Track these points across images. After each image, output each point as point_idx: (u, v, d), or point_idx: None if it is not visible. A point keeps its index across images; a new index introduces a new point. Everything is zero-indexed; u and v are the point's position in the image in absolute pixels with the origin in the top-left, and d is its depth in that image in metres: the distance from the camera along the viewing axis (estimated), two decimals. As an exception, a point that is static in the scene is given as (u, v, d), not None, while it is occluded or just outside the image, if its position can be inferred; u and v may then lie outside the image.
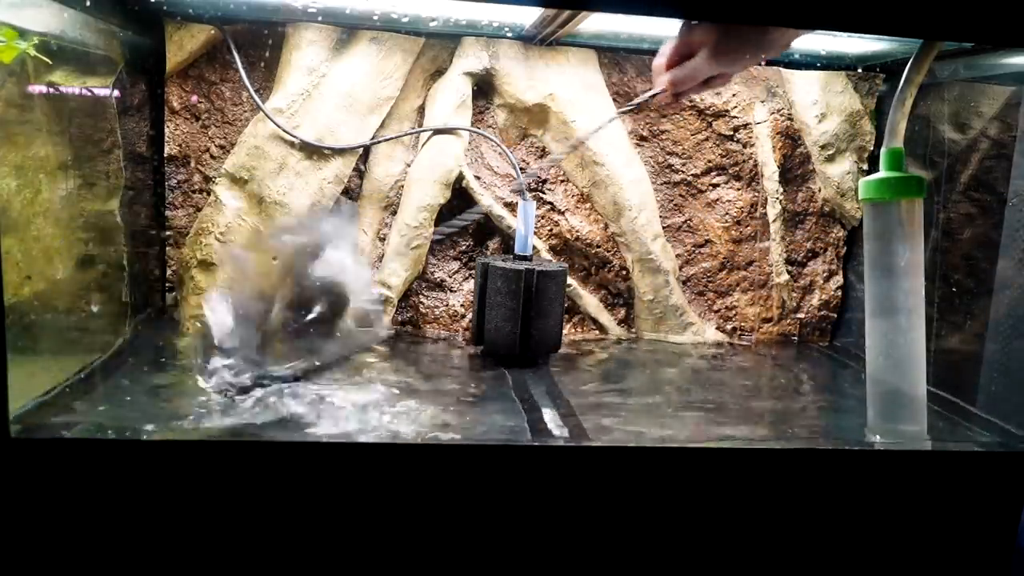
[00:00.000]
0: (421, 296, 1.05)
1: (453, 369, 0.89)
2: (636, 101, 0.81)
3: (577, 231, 1.06)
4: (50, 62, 0.72)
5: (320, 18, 0.95)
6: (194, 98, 0.98)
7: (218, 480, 0.61)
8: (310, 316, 0.76)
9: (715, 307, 1.11)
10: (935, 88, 0.94)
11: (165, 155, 0.98)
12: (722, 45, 0.69)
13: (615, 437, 0.71)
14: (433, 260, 1.05)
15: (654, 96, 0.78)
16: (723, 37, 0.69)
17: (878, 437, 0.72)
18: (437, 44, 1.01)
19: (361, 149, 1.00)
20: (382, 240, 1.03)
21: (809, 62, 1.07)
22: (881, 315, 0.71)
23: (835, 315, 1.13)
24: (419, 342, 1.00)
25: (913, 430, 0.71)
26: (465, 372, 0.89)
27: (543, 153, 1.06)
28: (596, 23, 0.93)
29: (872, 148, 1.08)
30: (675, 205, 1.09)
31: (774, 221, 1.09)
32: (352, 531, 0.64)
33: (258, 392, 0.71)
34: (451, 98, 1.01)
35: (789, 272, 1.11)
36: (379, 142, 1.01)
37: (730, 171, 1.09)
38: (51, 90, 0.75)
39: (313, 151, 0.97)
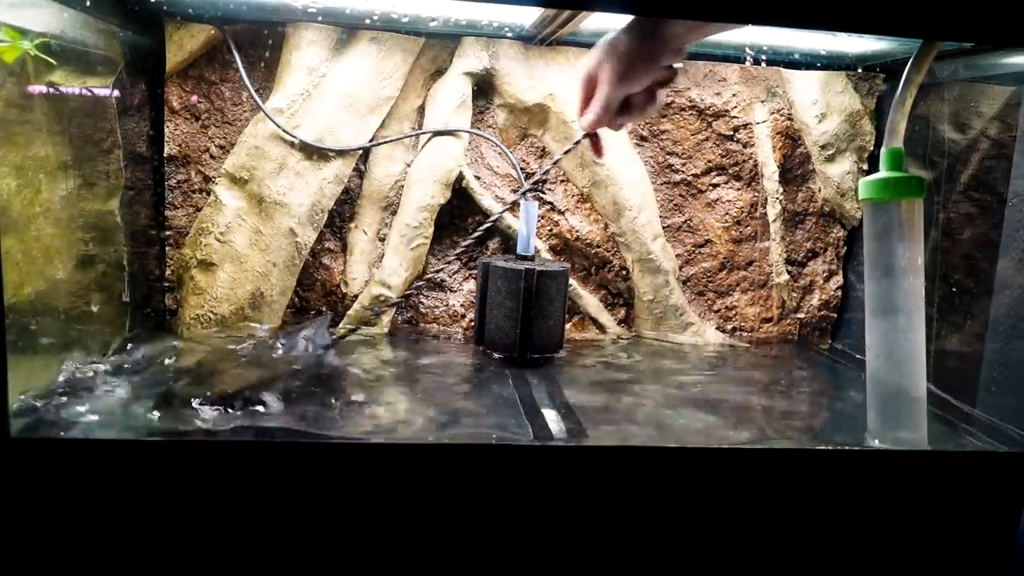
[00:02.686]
0: (421, 296, 1.05)
1: (454, 369, 0.89)
2: (565, 151, 0.85)
3: (577, 231, 1.06)
4: (53, 62, 0.72)
5: (320, 18, 0.95)
6: (194, 98, 0.98)
7: (218, 480, 0.61)
8: None
9: (715, 307, 1.11)
10: (935, 88, 0.94)
11: (165, 155, 0.98)
12: (608, 65, 0.71)
13: (615, 437, 0.71)
14: (433, 260, 1.05)
15: (578, 143, 0.80)
16: (607, 57, 0.71)
17: (878, 437, 0.72)
18: (437, 44, 1.01)
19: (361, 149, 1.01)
20: (382, 240, 1.03)
21: (809, 62, 1.07)
22: (881, 315, 0.71)
23: (835, 315, 1.13)
24: (419, 342, 1.00)
25: (913, 430, 0.71)
26: (466, 372, 0.89)
27: (543, 153, 1.06)
28: (596, 23, 0.93)
29: (872, 148, 1.08)
30: (675, 205, 1.09)
31: (774, 221, 1.09)
32: (353, 531, 0.64)
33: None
34: (451, 98, 1.01)
35: (789, 272, 1.11)
36: (380, 143, 1.01)
37: (730, 171, 1.09)
38: (51, 90, 0.75)
39: (313, 151, 0.97)
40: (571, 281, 1.05)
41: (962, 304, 0.89)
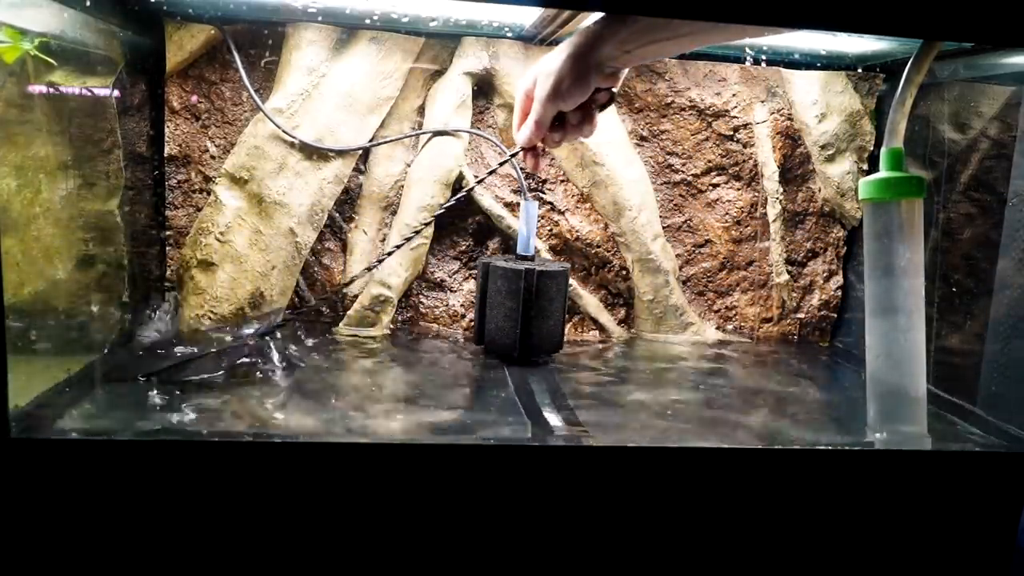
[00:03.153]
0: (421, 296, 1.05)
1: (454, 369, 0.89)
2: (494, 168, 0.88)
3: (577, 231, 1.06)
4: (53, 62, 0.72)
5: (320, 18, 0.95)
6: (194, 98, 0.98)
7: (218, 480, 0.62)
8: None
9: (715, 307, 1.11)
10: (935, 88, 0.94)
11: (165, 155, 0.98)
12: (541, 82, 0.73)
13: (615, 437, 0.71)
14: (433, 260, 1.05)
15: (514, 156, 0.81)
16: (541, 74, 0.73)
17: (878, 437, 0.72)
18: (437, 44, 1.01)
19: (361, 149, 1.01)
20: (382, 240, 1.03)
21: (809, 62, 1.07)
22: (881, 315, 0.71)
23: (835, 315, 1.13)
24: (419, 342, 1.00)
25: (913, 431, 0.71)
26: (466, 372, 0.89)
27: (542, 153, 1.06)
28: (596, 23, 0.93)
29: (872, 148, 1.08)
30: (675, 205, 1.09)
31: (774, 221, 1.09)
32: (352, 531, 0.64)
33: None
34: (451, 98, 1.01)
35: (789, 272, 1.11)
36: (380, 143, 1.01)
37: (730, 171, 1.09)
38: (51, 90, 0.75)
39: (313, 151, 0.97)
40: (571, 281, 1.05)
41: (962, 304, 0.89)
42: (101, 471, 0.60)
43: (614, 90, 0.76)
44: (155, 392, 0.73)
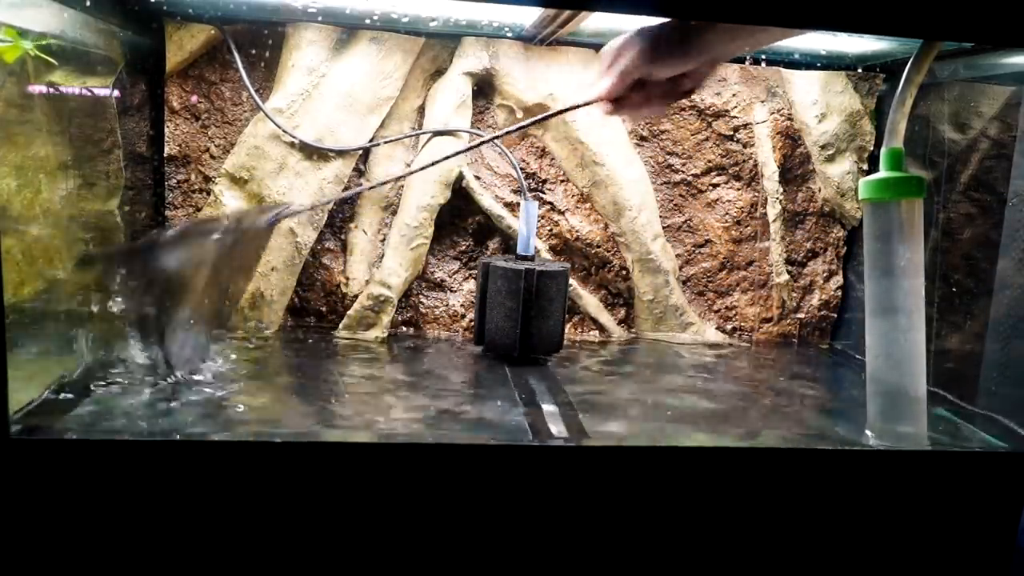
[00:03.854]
0: (421, 296, 1.05)
1: (454, 369, 0.89)
2: (568, 107, 0.79)
3: (577, 231, 1.06)
4: (53, 62, 0.72)
5: (320, 18, 0.95)
6: (194, 98, 0.98)
7: (218, 480, 0.62)
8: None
9: (715, 307, 1.11)
10: (935, 88, 0.94)
11: (165, 155, 0.98)
12: (637, 40, 0.70)
13: (616, 437, 0.71)
14: (433, 260, 1.05)
15: (589, 103, 0.77)
16: (639, 35, 0.70)
17: (878, 438, 0.72)
18: (437, 44, 1.01)
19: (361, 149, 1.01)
20: (382, 240, 1.03)
21: (809, 62, 1.07)
22: (881, 315, 0.71)
23: (835, 315, 1.13)
24: (419, 342, 1.00)
25: (913, 431, 0.71)
26: (466, 372, 0.89)
27: (543, 153, 1.06)
28: (596, 23, 0.93)
29: (872, 148, 1.08)
30: (675, 205, 1.09)
31: (774, 221, 1.09)
32: (353, 531, 0.64)
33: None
34: (451, 98, 1.01)
35: (789, 272, 1.11)
36: (380, 143, 1.01)
37: (730, 171, 1.09)
38: (51, 90, 0.75)
39: (313, 151, 0.97)
40: (571, 281, 1.05)
41: (962, 304, 0.89)
42: (101, 471, 0.60)
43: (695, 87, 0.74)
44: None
